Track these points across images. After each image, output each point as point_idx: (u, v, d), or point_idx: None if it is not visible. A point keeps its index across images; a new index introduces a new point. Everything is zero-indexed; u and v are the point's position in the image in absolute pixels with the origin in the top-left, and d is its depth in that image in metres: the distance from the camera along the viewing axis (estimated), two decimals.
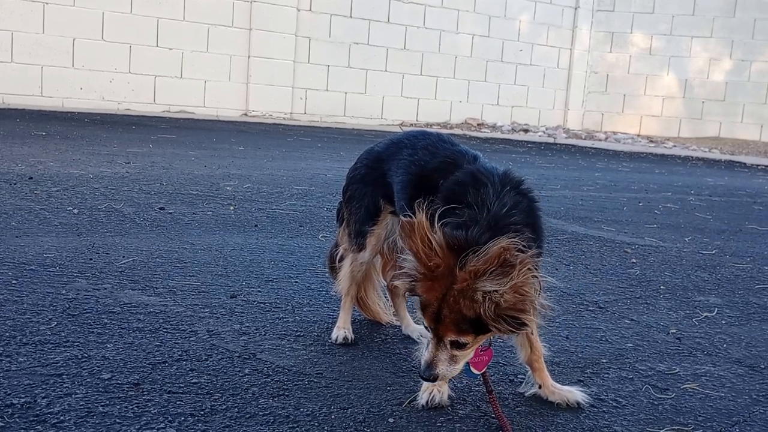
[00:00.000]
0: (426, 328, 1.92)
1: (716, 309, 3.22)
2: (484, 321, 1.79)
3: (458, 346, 1.87)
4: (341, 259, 2.59)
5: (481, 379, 2.04)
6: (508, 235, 1.81)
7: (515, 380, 2.27)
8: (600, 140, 14.36)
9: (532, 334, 2.05)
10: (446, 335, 1.85)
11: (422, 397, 2.02)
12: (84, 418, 1.78)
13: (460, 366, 1.91)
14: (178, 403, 1.91)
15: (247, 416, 1.87)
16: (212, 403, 1.93)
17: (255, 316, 2.64)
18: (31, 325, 2.35)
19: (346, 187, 2.55)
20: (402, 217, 1.88)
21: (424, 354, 1.92)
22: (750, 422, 2.08)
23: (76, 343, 2.24)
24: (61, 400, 1.87)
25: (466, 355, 1.91)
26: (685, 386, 2.31)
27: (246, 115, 12.40)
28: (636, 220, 5.46)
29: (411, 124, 13.79)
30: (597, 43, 15.96)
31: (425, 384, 2.05)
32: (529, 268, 1.77)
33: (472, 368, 1.99)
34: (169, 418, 1.82)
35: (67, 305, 2.57)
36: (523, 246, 1.81)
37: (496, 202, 1.94)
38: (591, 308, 3.09)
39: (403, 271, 1.91)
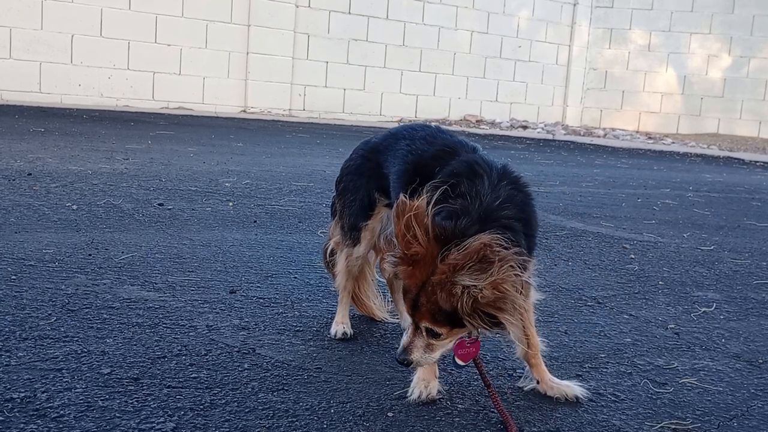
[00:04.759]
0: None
1: (714, 304, 3.23)
2: (459, 315, 1.78)
3: (433, 335, 1.87)
4: (332, 253, 2.58)
5: (479, 373, 2.04)
6: (493, 231, 1.78)
7: (514, 375, 2.27)
8: (599, 137, 14.36)
9: (509, 333, 1.94)
10: (421, 321, 1.85)
11: (413, 393, 2.02)
12: (84, 413, 1.79)
13: (436, 355, 1.91)
14: (177, 397, 1.91)
15: (247, 410, 1.87)
16: (212, 397, 1.93)
17: (254, 311, 2.65)
18: (31, 321, 2.35)
19: (340, 178, 2.51)
20: (398, 199, 1.86)
21: (402, 338, 1.93)
22: (748, 416, 2.09)
23: (75, 338, 2.24)
24: (61, 394, 1.87)
25: (444, 346, 1.90)
26: (683, 381, 2.31)
27: (245, 111, 12.39)
28: (635, 216, 5.47)
29: (409, 121, 13.79)
30: (596, 39, 15.97)
31: (415, 379, 2.06)
32: (511, 266, 1.73)
33: (457, 359, 1.99)
34: (169, 412, 1.82)
35: (66, 300, 2.57)
36: (507, 243, 1.77)
37: (490, 194, 1.92)
38: (590, 303, 3.09)
39: (391, 252, 1.91)
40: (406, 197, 1.84)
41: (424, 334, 1.87)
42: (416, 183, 2.10)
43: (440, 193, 1.88)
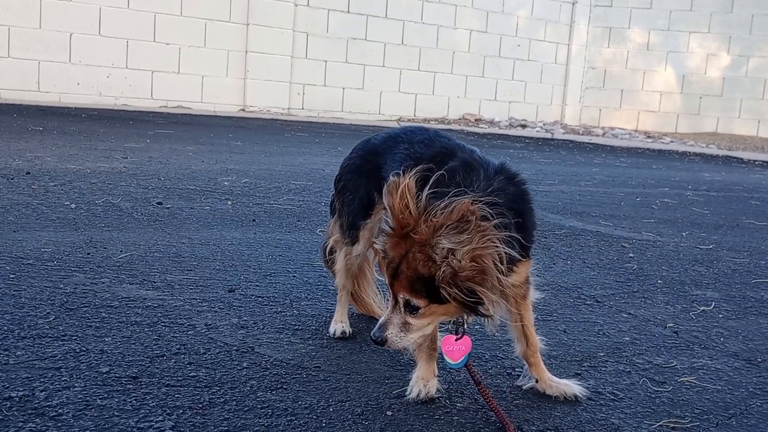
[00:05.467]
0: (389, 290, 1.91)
1: (713, 303, 3.23)
2: (438, 284, 1.77)
3: (411, 309, 1.85)
4: (332, 251, 2.58)
5: (468, 373, 2.04)
6: (477, 196, 1.79)
7: (513, 373, 2.27)
8: (597, 136, 14.36)
9: (491, 314, 1.90)
10: (399, 291, 1.84)
11: (412, 391, 2.02)
12: (82, 411, 1.78)
13: (412, 336, 1.89)
14: (176, 396, 1.91)
15: (246, 409, 1.87)
16: (210, 396, 1.93)
17: (253, 310, 2.64)
18: (29, 319, 2.35)
19: (339, 176, 2.51)
20: (392, 175, 1.89)
21: (381, 318, 1.92)
22: (747, 415, 2.09)
23: (74, 337, 2.24)
24: (60, 393, 1.87)
25: (421, 327, 1.89)
26: (682, 379, 2.31)
27: (243, 110, 12.38)
28: (633, 215, 5.47)
29: (408, 120, 13.78)
30: (595, 38, 15.96)
31: (414, 377, 2.06)
32: (491, 239, 1.75)
33: (447, 357, 1.98)
34: (168, 411, 1.82)
35: (65, 299, 2.57)
36: (491, 216, 1.78)
37: (483, 183, 1.94)
38: (588, 302, 3.10)
39: (381, 230, 1.92)
40: (401, 174, 1.86)
41: (402, 309, 1.86)
42: None
43: (436, 177, 1.89)
